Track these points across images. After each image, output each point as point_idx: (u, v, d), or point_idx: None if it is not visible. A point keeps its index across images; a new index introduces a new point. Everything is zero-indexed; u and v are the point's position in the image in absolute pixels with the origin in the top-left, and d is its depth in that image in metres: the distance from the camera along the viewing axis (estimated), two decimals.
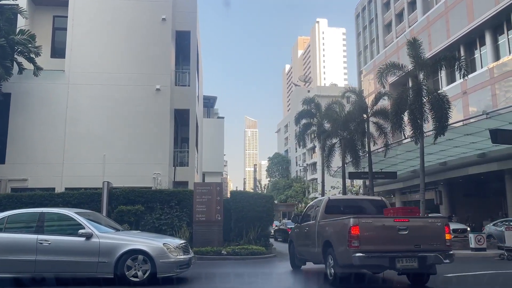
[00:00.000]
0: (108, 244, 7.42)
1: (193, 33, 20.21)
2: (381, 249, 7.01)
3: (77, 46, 17.95)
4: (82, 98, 17.55)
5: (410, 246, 6.97)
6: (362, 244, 6.93)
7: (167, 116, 17.74)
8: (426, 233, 7.17)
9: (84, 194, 14.91)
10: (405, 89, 19.61)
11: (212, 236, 13.84)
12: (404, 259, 6.93)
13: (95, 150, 17.15)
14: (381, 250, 7.00)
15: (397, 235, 7.06)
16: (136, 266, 7.37)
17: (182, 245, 8.13)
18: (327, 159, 28.07)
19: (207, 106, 37.07)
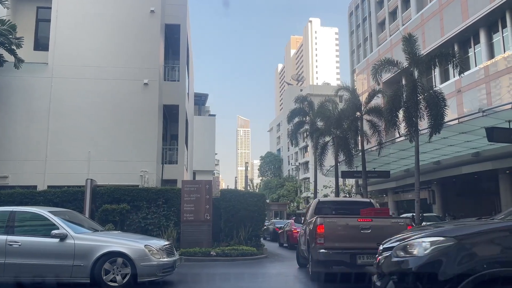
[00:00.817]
0: (84, 246, 6.82)
1: (183, 26, 19.57)
2: (343, 246, 7.72)
3: (61, 38, 17.22)
4: (67, 92, 16.84)
5: (372, 244, 7.13)
6: (326, 241, 7.72)
7: (155, 112, 17.11)
8: (388, 232, 7.22)
9: (67, 192, 14.25)
10: (400, 86, 19.24)
11: (200, 236, 13.26)
12: (364, 255, 7.55)
13: (79, 146, 16.47)
14: (343, 247, 7.71)
15: (359, 234, 7.75)
16: (114, 270, 6.78)
17: (166, 246, 7.55)
18: (320, 157, 27.66)
19: (198, 104, 36.45)
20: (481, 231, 3.65)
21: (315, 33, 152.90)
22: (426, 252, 3.58)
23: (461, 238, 3.53)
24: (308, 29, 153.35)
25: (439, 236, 3.68)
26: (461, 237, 3.55)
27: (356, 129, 24.06)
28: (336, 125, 25.11)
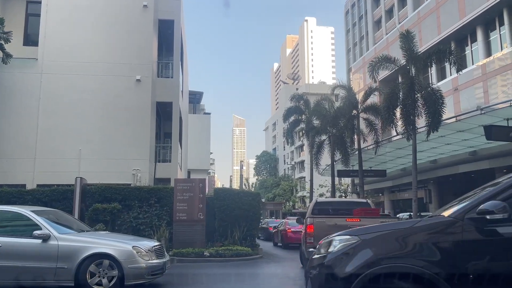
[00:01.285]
0: (68, 247, 6.45)
1: (177, 22, 19.18)
2: None
3: (51, 33, 16.80)
4: (57, 89, 16.41)
5: None
6: (315, 240, 7.83)
7: (148, 109, 16.72)
8: None
9: (56, 191, 13.83)
10: (398, 83, 18.98)
11: (194, 236, 12.90)
12: None
13: (70, 144, 16.05)
14: None
15: None
16: (100, 272, 6.42)
17: (156, 247, 7.20)
18: (316, 156, 27.37)
19: (193, 102, 36.07)
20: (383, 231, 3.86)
21: (311, 32, 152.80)
22: (335, 250, 3.80)
23: (364, 237, 3.75)
24: (304, 28, 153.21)
25: (348, 234, 3.90)
26: (364, 236, 3.77)
27: (353, 127, 23.80)
28: (332, 123, 24.83)
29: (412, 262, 3.39)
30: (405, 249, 3.56)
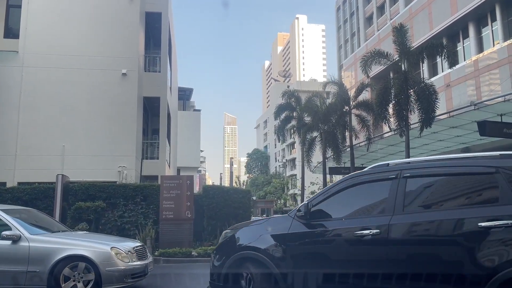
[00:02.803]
0: (40, 249, 5.94)
1: (165, 15, 18.64)
2: None
3: (33, 26, 16.12)
4: (39, 83, 15.76)
5: None
6: None
7: (134, 104, 16.16)
8: None
9: (37, 189, 13.24)
10: (391, 79, 18.67)
11: (181, 235, 12.40)
12: None
13: (52, 140, 15.44)
14: None
15: None
16: (75, 276, 5.92)
17: (137, 248, 6.72)
18: (307, 153, 27.03)
19: (182, 99, 35.52)
20: (247, 226, 5.08)
21: (302, 30, 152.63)
22: (220, 240, 5.16)
23: (236, 231, 4.92)
24: (295, 26, 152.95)
25: (230, 228, 5.24)
26: (236, 230, 4.95)
27: (344, 124, 23.49)
28: (324, 120, 24.50)
29: (256, 250, 4.45)
30: (252, 240, 4.58)
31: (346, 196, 4.29)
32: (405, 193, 3.83)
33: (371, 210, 4.14)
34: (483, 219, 3.34)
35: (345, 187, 4.30)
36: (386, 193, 3.92)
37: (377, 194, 4.11)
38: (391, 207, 3.82)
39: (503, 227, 3.23)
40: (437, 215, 3.64)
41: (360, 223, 3.93)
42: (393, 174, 3.99)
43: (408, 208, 3.78)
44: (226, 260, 4.66)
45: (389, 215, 3.78)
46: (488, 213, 3.38)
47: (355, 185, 4.27)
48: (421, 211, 3.80)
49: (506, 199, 3.37)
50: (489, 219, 3.31)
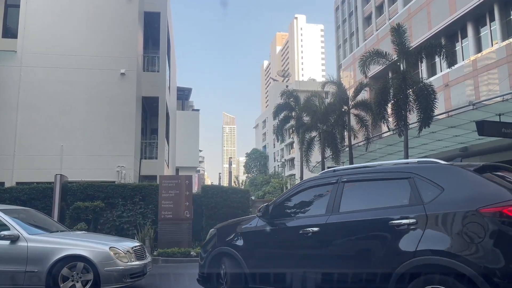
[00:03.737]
0: (39, 249, 5.94)
1: (163, 14, 18.63)
2: None
3: (31, 25, 16.11)
4: (37, 82, 15.76)
5: None
6: None
7: (133, 104, 16.14)
8: None
9: (35, 189, 13.22)
10: (390, 78, 18.67)
11: (180, 235, 12.39)
12: None
13: (51, 140, 15.44)
14: None
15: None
16: (74, 276, 5.91)
17: (136, 248, 6.71)
18: (306, 153, 27.01)
19: (181, 99, 35.51)
20: (227, 225, 5.80)
21: (300, 30, 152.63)
22: (207, 237, 6.01)
23: (218, 229, 5.75)
24: (293, 26, 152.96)
25: (214, 228, 5.95)
26: (218, 229, 5.78)
27: (343, 123, 23.47)
28: (323, 120, 24.47)
29: (227, 245, 5.15)
30: (229, 237, 5.23)
31: (300, 198, 4.91)
32: (342, 196, 4.39)
33: (316, 210, 4.65)
34: (394, 218, 3.83)
35: (300, 190, 4.97)
36: (329, 196, 4.49)
37: (322, 197, 4.64)
38: (330, 208, 4.39)
39: (406, 225, 3.72)
40: (362, 215, 4.14)
41: (306, 222, 4.54)
42: (334, 179, 4.56)
43: (342, 209, 4.32)
44: (208, 255, 5.44)
45: (327, 215, 4.36)
46: (399, 213, 3.86)
47: (307, 189, 4.92)
48: (351, 212, 4.29)
49: (415, 201, 3.84)
50: (398, 218, 3.80)
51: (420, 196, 3.82)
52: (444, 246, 3.49)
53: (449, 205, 3.65)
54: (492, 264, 3.27)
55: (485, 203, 3.48)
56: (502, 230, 3.34)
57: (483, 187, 3.68)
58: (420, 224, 3.66)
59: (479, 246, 3.37)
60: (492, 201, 3.48)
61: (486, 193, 3.60)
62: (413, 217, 3.72)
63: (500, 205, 3.41)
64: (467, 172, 3.85)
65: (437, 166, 4.09)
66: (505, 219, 3.35)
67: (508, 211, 3.36)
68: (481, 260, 3.31)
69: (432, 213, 3.67)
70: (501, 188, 3.62)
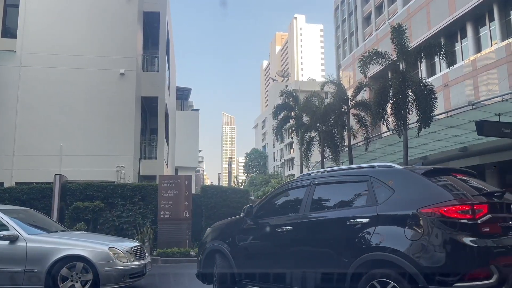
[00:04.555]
0: (38, 249, 5.93)
1: (163, 14, 18.61)
2: None
3: (30, 25, 16.08)
4: (36, 82, 15.73)
5: None
6: None
7: (132, 104, 16.13)
8: None
9: (34, 189, 13.21)
10: (389, 78, 18.66)
11: (179, 235, 12.38)
12: None
13: (50, 140, 15.42)
14: None
15: None
16: (73, 276, 5.91)
17: (135, 248, 6.71)
18: (306, 153, 26.98)
19: (180, 99, 35.48)
20: (219, 224, 6.19)
21: (300, 30, 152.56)
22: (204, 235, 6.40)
23: (212, 228, 6.24)
24: (293, 26, 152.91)
25: (210, 227, 6.45)
26: (212, 227, 6.27)
27: (343, 123, 23.45)
28: (322, 120, 24.45)
29: (218, 243, 5.61)
30: (220, 235, 5.77)
31: (280, 199, 5.37)
32: (313, 197, 4.76)
33: (292, 210, 5.09)
34: (351, 217, 4.17)
35: (280, 191, 5.41)
36: (302, 197, 4.87)
37: (298, 198, 4.99)
38: (302, 208, 4.78)
39: (360, 224, 4.04)
40: (327, 215, 4.57)
41: (282, 221, 4.94)
42: (308, 182, 4.94)
43: (312, 209, 4.72)
44: (203, 252, 5.91)
45: (299, 215, 4.78)
46: (356, 213, 4.21)
47: (287, 190, 5.37)
48: (318, 211, 4.70)
49: (370, 202, 4.16)
50: (355, 218, 4.13)
51: (375, 198, 4.13)
52: (390, 244, 3.77)
53: (397, 205, 3.94)
54: (428, 260, 3.51)
55: (425, 204, 3.74)
56: (438, 228, 3.57)
57: (426, 189, 3.95)
58: (372, 223, 3.97)
59: (418, 243, 3.61)
60: (431, 202, 3.73)
61: (427, 195, 3.87)
62: (367, 216, 4.03)
63: (437, 206, 3.66)
64: (415, 175, 4.12)
65: (391, 169, 4.43)
66: (441, 219, 3.59)
67: (443, 211, 3.59)
68: (420, 257, 3.54)
69: (383, 213, 3.97)
70: (442, 190, 3.87)
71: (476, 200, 3.76)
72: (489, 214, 3.64)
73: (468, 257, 3.45)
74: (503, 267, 3.47)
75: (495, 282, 3.37)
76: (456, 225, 3.57)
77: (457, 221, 3.58)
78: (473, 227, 3.56)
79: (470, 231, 3.54)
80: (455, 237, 3.52)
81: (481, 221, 3.58)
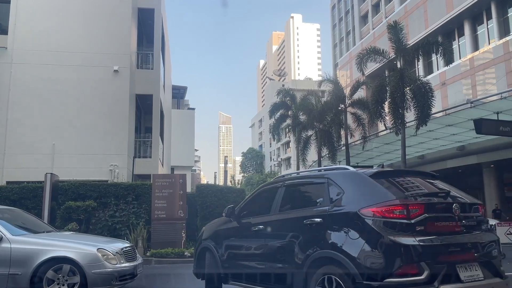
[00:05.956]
0: (23, 250, 5.66)
1: (157, 11, 18.32)
2: None
3: (22, 21, 15.75)
4: (28, 80, 15.41)
5: None
6: None
7: (126, 101, 15.83)
8: None
9: (25, 189, 12.92)
10: (387, 76, 18.48)
11: (173, 235, 12.12)
12: None
13: (42, 138, 15.10)
14: None
15: None
16: (60, 279, 5.63)
17: (126, 249, 6.44)
18: (302, 152, 26.78)
19: (176, 97, 35.19)
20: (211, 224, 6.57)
21: (297, 29, 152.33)
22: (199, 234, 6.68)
23: (205, 226, 6.65)
24: (290, 25, 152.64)
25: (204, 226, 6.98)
26: (206, 226, 6.66)
27: (340, 122, 23.27)
28: (319, 118, 24.25)
29: (208, 241, 5.99)
30: (210, 234, 6.12)
31: (258, 200, 5.66)
32: (282, 198, 5.05)
33: (265, 210, 5.28)
34: (308, 217, 4.40)
35: (259, 192, 5.74)
36: (274, 198, 5.15)
37: (272, 199, 5.21)
38: (274, 208, 5.08)
39: (314, 223, 4.27)
40: (290, 214, 4.84)
41: (256, 220, 5.23)
42: (280, 184, 5.25)
43: (281, 209, 5.00)
44: (197, 249, 6.30)
45: (270, 215, 5.08)
46: (312, 212, 4.43)
47: (264, 191, 5.62)
48: (285, 211, 4.96)
49: (325, 202, 4.40)
50: (310, 217, 4.36)
51: (329, 198, 4.38)
52: (335, 242, 4.03)
53: (344, 206, 4.18)
54: (363, 257, 3.72)
55: (366, 204, 3.94)
56: (374, 227, 3.77)
57: (370, 190, 4.16)
58: (324, 223, 4.22)
59: (357, 242, 3.84)
60: (372, 202, 3.93)
61: (369, 195, 4.09)
62: (320, 216, 4.28)
63: (375, 206, 3.85)
64: (363, 177, 4.31)
65: (344, 171, 4.65)
66: (377, 218, 3.78)
67: (380, 211, 3.79)
68: (357, 254, 3.76)
69: (333, 212, 4.21)
70: (384, 191, 4.06)
71: (412, 200, 3.93)
72: (426, 214, 3.78)
73: (400, 254, 3.60)
74: (436, 264, 3.63)
75: (425, 278, 3.55)
76: (391, 224, 3.74)
77: (392, 220, 3.74)
78: (407, 226, 3.72)
79: (404, 230, 3.71)
80: (389, 235, 3.67)
81: (415, 221, 3.73)
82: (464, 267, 3.80)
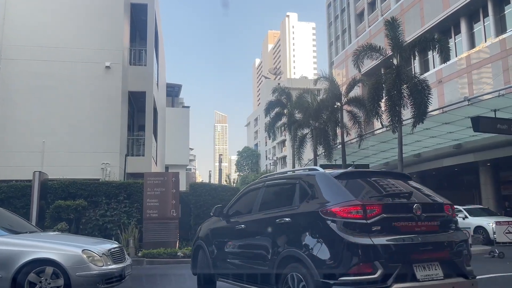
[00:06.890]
0: (3, 251, 5.35)
1: (151, 7, 17.98)
2: None
3: (11, 15, 15.39)
4: (17, 76, 15.06)
5: None
6: None
7: (118, 98, 15.50)
8: None
9: (14, 187, 12.59)
10: (383, 73, 18.25)
11: (166, 235, 11.83)
12: None
13: (32, 136, 14.77)
14: None
15: None
16: (42, 282, 5.33)
17: (114, 250, 6.14)
18: (298, 151, 26.54)
19: (171, 95, 34.80)
20: (206, 222, 6.68)
21: (292, 28, 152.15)
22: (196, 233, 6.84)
23: (200, 225, 6.79)
24: (285, 24, 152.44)
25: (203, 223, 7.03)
26: (201, 225, 6.80)
27: (336, 120, 23.02)
28: (315, 116, 24.00)
29: (201, 240, 6.23)
30: (203, 233, 6.34)
31: (244, 200, 5.79)
32: (262, 198, 5.25)
33: (248, 210, 5.48)
34: (279, 216, 4.58)
35: (244, 193, 5.90)
36: (255, 198, 5.36)
37: (254, 199, 5.40)
38: (255, 208, 5.28)
39: (284, 222, 4.44)
40: (265, 214, 4.98)
41: (240, 220, 5.46)
42: (261, 184, 5.45)
43: (260, 209, 5.18)
44: (193, 248, 6.59)
45: (252, 214, 5.29)
46: (283, 212, 4.58)
47: (249, 192, 5.77)
48: (262, 211, 5.11)
49: (295, 202, 4.54)
50: (281, 217, 4.52)
51: (299, 198, 4.52)
52: (299, 241, 4.16)
53: (309, 206, 4.29)
54: (321, 256, 3.84)
55: (328, 204, 4.05)
56: (331, 227, 3.87)
57: (332, 191, 4.26)
58: (292, 222, 4.38)
59: (316, 240, 3.98)
60: (333, 202, 4.03)
61: (331, 196, 4.19)
62: (289, 215, 4.44)
63: (334, 206, 3.96)
64: (328, 178, 4.41)
65: (313, 173, 4.72)
66: (335, 218, 3.88)
67: (337, 211, 3.88)
68: (315, 253, 3.90)
69: (299, 212, 4.37)
70: (344, 191, 4.15)
71: (370, 201, 4.00)
72: (383, 214, 3.83)
73: (355, 254, 3.67)
74: (391, 263, 3.67)
75: (379, 277, 3.61)
76: (348, 224, 3.82)
77: (349, 220, 3.82)
78: (364, 226, 3.79)
79: (360, 230, 3.78)
80: (345, 235, 3.75)
81: (372, 221, 3.79)
82: (422, 266, 3.81)
